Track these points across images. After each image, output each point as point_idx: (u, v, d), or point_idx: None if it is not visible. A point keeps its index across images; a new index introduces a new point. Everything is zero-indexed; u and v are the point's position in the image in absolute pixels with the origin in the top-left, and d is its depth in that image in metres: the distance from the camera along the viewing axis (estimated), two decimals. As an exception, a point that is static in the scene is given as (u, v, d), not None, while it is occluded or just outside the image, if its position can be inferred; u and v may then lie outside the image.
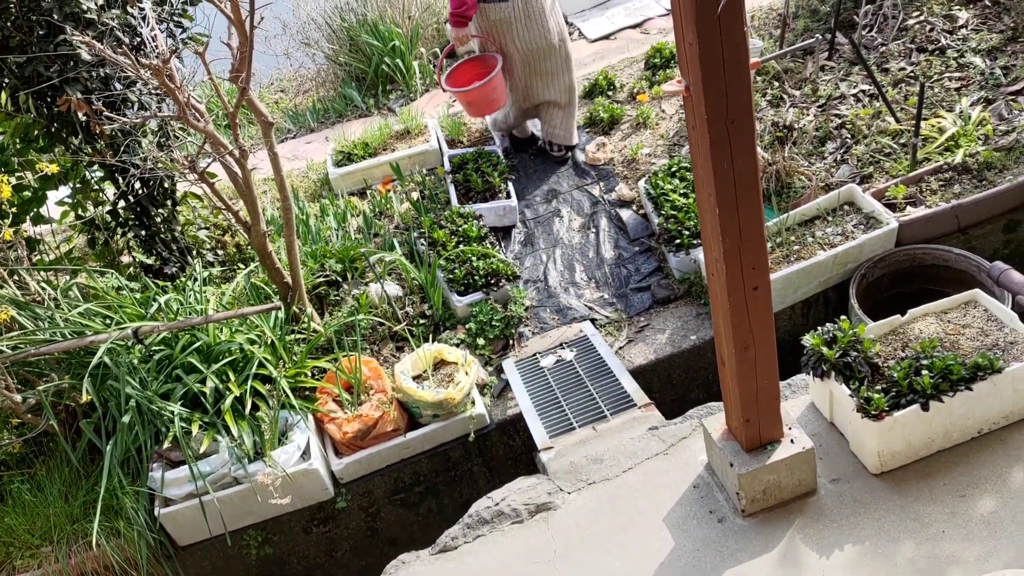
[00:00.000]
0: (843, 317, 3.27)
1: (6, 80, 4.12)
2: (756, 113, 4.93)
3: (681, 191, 4.81)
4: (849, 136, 4.92)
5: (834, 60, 5.53)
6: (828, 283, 4.22)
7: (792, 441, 2.99)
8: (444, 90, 5.47)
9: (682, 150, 5.48)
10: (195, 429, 3.73)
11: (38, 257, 4.84)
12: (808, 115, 5.16)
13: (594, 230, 5.19)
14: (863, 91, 5.20)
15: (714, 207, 2.43)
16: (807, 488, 3.06)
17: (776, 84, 5.53)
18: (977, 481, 2.97)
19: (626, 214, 5.20)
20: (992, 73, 4.91)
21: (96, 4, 4.10)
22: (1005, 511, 2.84)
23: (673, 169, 5.00)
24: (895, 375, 3.04)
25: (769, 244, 4.26)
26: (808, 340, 3.20)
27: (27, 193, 4.68)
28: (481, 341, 4.43)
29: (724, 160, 2.32)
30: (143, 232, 4.77)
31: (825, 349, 3.13)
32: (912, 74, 5.16)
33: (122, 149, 4.19)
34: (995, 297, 3.66)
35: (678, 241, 4.54)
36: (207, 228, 5.18)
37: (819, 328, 3.26)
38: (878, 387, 3.08)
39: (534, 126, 6.02)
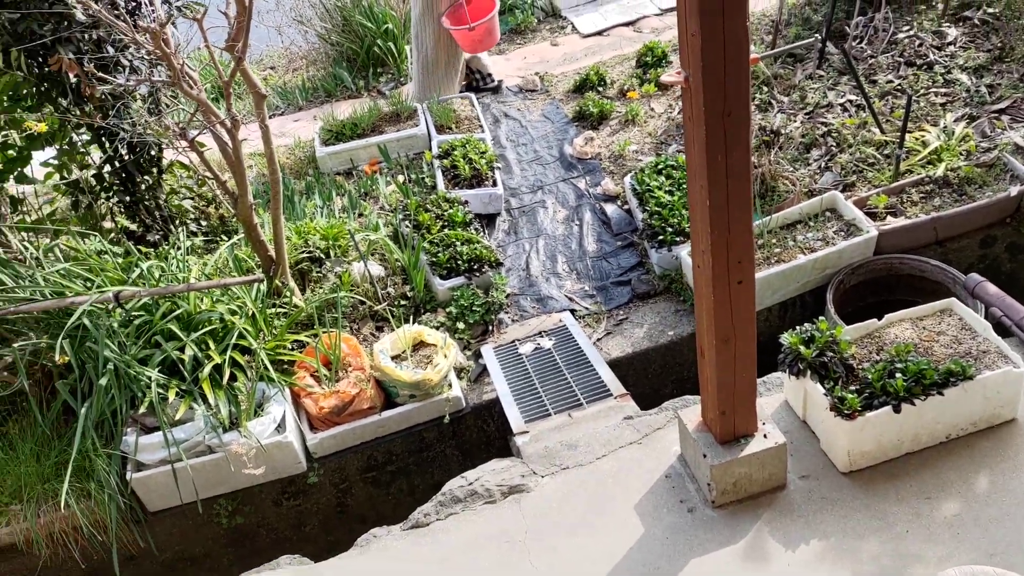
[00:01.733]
0: (821, 319, 3.33)
1: (-2, 36, 4.08)
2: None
3: (667, 189, 4.86)
4: (834, 144, 4.99)
5: (823, 69, 5.61)
6: (806, 287, 4.29)
7: (765, 436, 3.04)
8: (446, 27, 6.06)
9: (669, 149, 5.53)
10: (172, 396, 3.72)
11: (20, 217, 4.79)
12: (795, 121, 5.23)
13: (578, 223, 5.23)
14: (850, 101, 5.27)
15: (705, 199, 2.47)
16: (777, 483, 3.12)
17: (765, 89, 5.59)
18: (943, 484, 3.04)
19: (610, 208, 5.24)
20: (977, 91, 5.00)
21: (93, -36, 4.07)
22: (968, 514, 2.91)
23: (660, 167, 5.05)
24: (869, 377, 3.11)
25: (751, 245, 4.31)
26: (786, 338, 3.26)
27: (12, 152, 4.63)
28: (461, 325, 4.45)
29: (719, 153, 2.36)
30: (127, 198, 4.74)
31: (802, 348, 3.19)
32: (899, 87, 5.25)
33: (112, 113, 4.17)
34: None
35: (661, 237, 4.59)
36: (192, 198, 5.15)
37: (797, 328, 3.31)
38: (852, 388, 3.14)
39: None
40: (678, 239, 4.54)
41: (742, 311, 2.74)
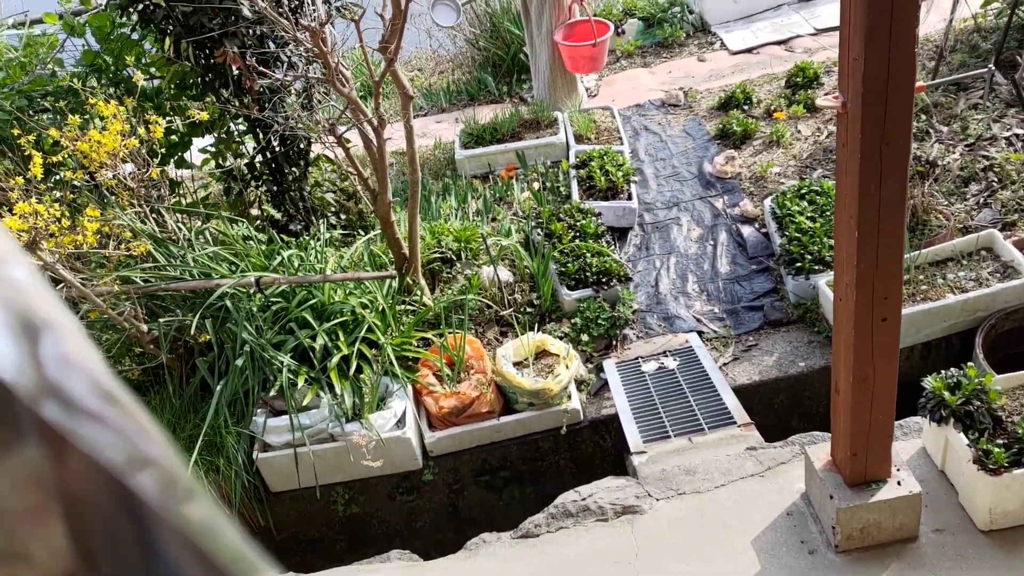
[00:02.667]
0: (969, 364, 3.13)
1: (171, 28, 4.32)
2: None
3: (809, 214, 4.69)
4: (996, 180, 4.70)
5: (989, 100, 5.30)
6: (954, 328, 4.05)
7: (899, 483, 2.88)
8: (561, 44, 6.07)
9: (814, 173, 5.34)
10: (301, 382, 3.85)
11: (176, 199, 5.07)
12: (954, 153, 4.96)
13: (712, 242, 5.11)
14: (1016, 135, 4.96)
15: (853, 229, 2.36)
16: (908, 534, 2.95)
17: (923, 117, 5.33)
18: (1094, 555, 2.81)
19: (747, 231, 5.10)
20: None
21: (262, -37, 4.25)
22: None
23: (803, 191, 4.88)
24: (1020, 431, 2.90)
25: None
26: (929, 383, 3.08)
27: (175, 137, 4.90)
28: (585, 337, 4.43)
29: (872, 182, 2.25)
30: (275, 188, 4.94)
31: (947, 394, 3.01)
32: (1073, 123, 4.90)
33: (268, 106, 4.35)
34: None
35: (799, 264, 4.43)
36: (334, 191, 5.33)
37: (942, 372, 3.13)
38: (999, 441, 2.94)
39: None
40: (817, 267, 4.37)
41: (884, 350, 2.61)
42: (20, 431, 0.31)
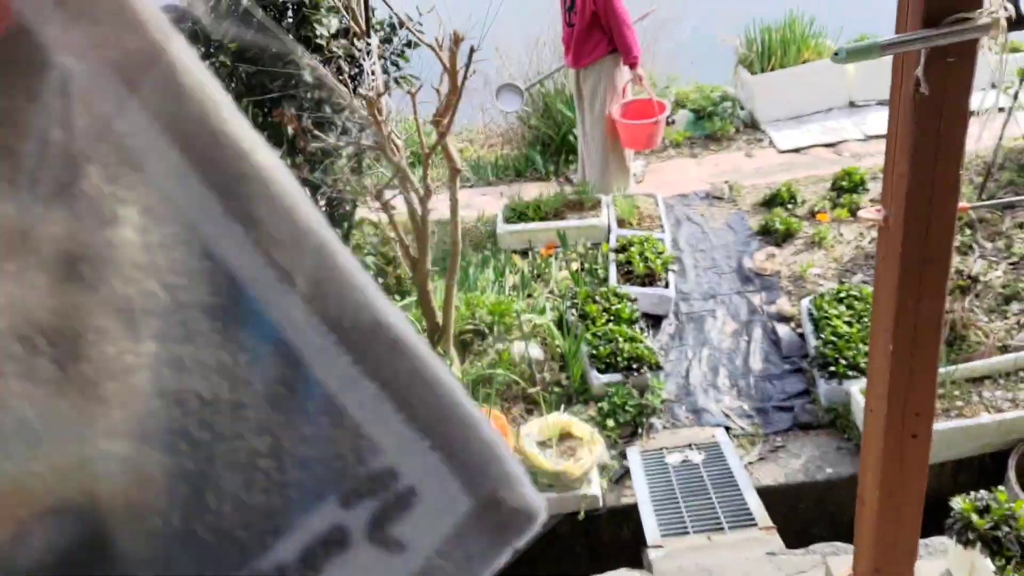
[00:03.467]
0: (1000, 488, 3.06)
1: (234, 85, 4.48)
2: (941, 256, 4.77)
3: (846, 319, 4.66)
4: (1038, 300, 4.65)
5: (1036, 219, 5.28)
6: (986, 448, 3.97)
7: (920, 605, 2.80)
8: (619, 122, 6.23)
9: (854, 278, 5.33)
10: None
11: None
12: (997, 270, 4.92)
13: (746, 338, 5.09)
14: (1062, 257, 4.92)
15: (888, 343, 2.34)
16: (927, 659, 2.85)
17: (967, 231, 5.31)
18: None
19: (782, 330, 5.07)
20: None
21: (328, 32, 4.42)
22: None
23: (841, 295, 4.86)
24: (1049, 563, 2.82)
25: (930, 393, 4.05)
26: (957, 503, 3.02)
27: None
28: (611, 423, 4.40)
29: (910, 299, 2.24)
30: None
31: (975, 517, 2.93)
32: (1121, 250, 4.85)
33: (319, 167, 4.46)
34: None
35: (832, 368, 4.39)
36: (375, 255, 5.40)
37: (971, 493, 3.06)
38: (1027, 571, 2.86)
39: None
40: (851, 373, 4.33)
41: (913, 466, 2.56)
42: None
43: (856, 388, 4.18)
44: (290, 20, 4.31)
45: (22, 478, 0.32)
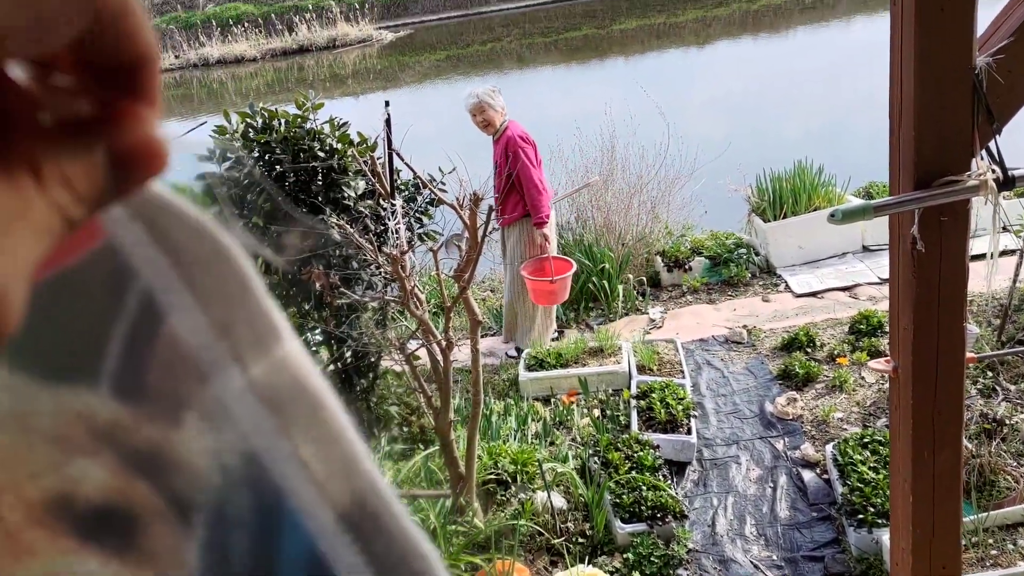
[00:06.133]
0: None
1: (266, 244, 4.67)
2: (965, 401, 4.76)
3: (871, 464, 4.62)
4: (1066, 443, 4.60)
5: (1057, 360, 5.28)
6: (1027, 599, 3.85)
7: None
8: (526, 277, 6.50)
9: (878, 422, 5.30)
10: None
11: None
12: (1022, 412, 4.89)
13: (772, 485, 5.03)
14: (1087, 399, 4.89)
15: (907, 494, 2.35)
16: None
17: (990, 374, 5.31)
18: None
19: (808, 475, 5.02)
20: None
21: (355, 194, 4.65)
22: None
23: (866, 440, 4.83)
24: None
25: (963, 543, 3.97)
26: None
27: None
28: (636, 575, 4.31)
29: (925, 449, 2.27)
30: (342, 398, 5.10)
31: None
32: None
33: (345, 321, 4.59)
34: None
35: (861, 516, 4.32)
36: (398, 405, 5.46)
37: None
38: None
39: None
40: (880, 521, 4.25)
41: (945, 621, 2.51)
42: None
43: (886, 537, 4.10)
44: (320, 183, 4.54)
45: None
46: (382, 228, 4.79)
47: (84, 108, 0.32)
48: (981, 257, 3.61)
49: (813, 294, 7.30)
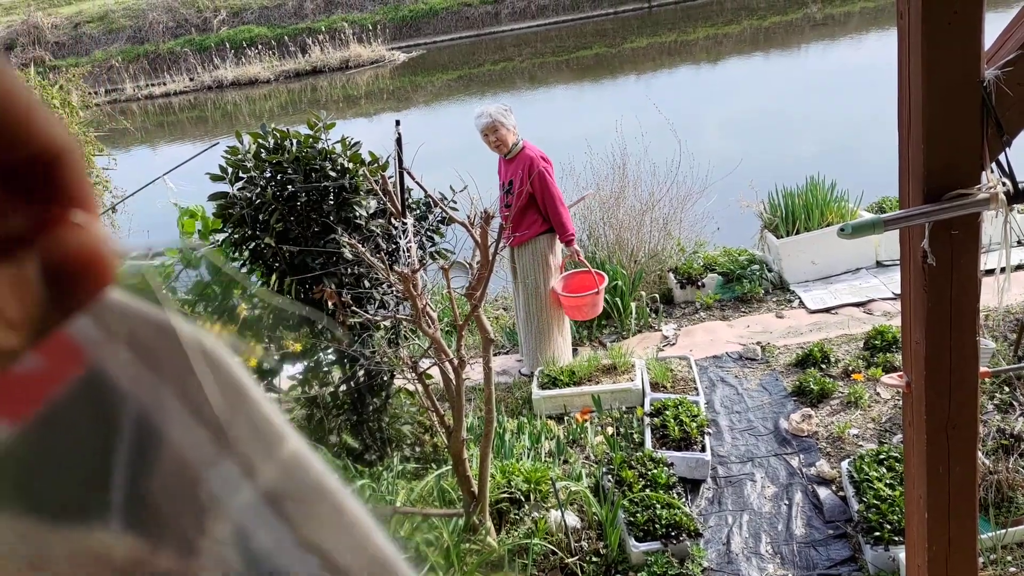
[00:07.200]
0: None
1: (278, 265, 4.71)
2: (981, 416, 4.71)
3: (887, 481, 4.58)
4: (1086, 459, 4.55)
5: (1075, 375, 5.23)
6: (1048, 618, 3.80)
7: None
8: (558, 294, 6.53)
9: (894, 438, 5.26)
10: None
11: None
12: (1040, 427, 4.84)
13: (787, 502, 4.99)
14: (1106, 413, 4.84)
15: (923, 510, 2.33)
16: None
17: (1007, 389, 5.26)
18: None
19: (823, 493, 4.98)
20: None
21: (367, 213, 4.67)
22: None
23: (882, 457, 4.79)
24: None
25: (981, 560, 3.93)
26: None
27: (266, 365, 5.18)
28: (651, 594, 4.28)
29: (940, 465, 2.25)
30: (355, 417, 5.11)
31: None
32: None
33: (358, 340, 4.61)
34: None
35: (878, 534, 4.27)
36: (411, 424, 5.46)
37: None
38: None
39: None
40: (897, 538, 4.21)
41: (963, 640, 2.48)
42: None
43: (903, 555, 4.06)
44: (331, 203, 4.57)
45: None
46: (394, 247, 4.81)
47: (3, 223, 0.28)
48: (993, 272, 3.59)
49: (827, 310, 7.26)
